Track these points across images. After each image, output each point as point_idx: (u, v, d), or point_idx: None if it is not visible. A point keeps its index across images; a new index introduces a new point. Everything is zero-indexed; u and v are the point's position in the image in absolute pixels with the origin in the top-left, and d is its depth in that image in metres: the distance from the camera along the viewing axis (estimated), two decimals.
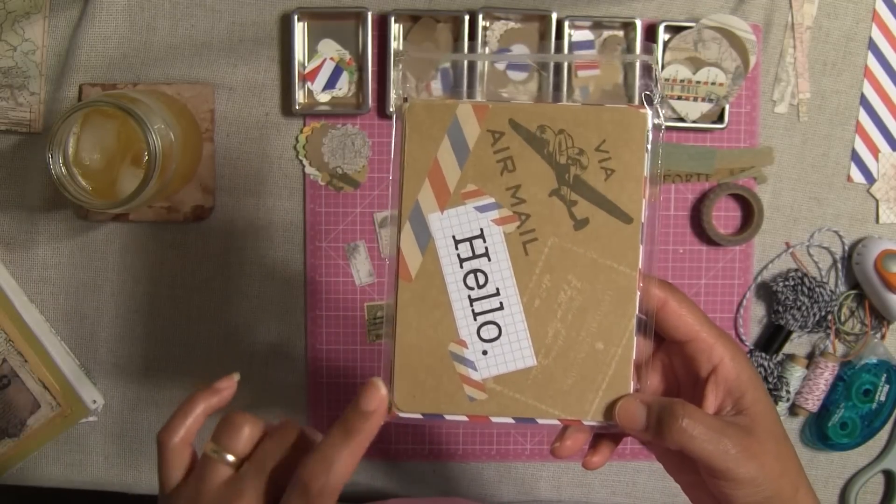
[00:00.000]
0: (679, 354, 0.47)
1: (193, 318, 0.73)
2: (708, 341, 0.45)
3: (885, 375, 0.73)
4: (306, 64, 0.71)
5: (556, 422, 0.45)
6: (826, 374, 0.73)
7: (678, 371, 0.48)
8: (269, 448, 0.44)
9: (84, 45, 0.70)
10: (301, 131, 0.71)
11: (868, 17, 0.73)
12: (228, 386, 0.49)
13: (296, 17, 0.69)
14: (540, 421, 0.45)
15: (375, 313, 0.73)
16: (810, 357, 0.74)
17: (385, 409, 0.43)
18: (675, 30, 0.70)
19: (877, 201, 0.74)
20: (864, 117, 0.73)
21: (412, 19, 0.70)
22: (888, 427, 0.76)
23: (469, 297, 0.45)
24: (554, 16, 0.69)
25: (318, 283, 0.73)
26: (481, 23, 0.70)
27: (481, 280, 0.45)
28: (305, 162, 0.72)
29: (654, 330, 0.46)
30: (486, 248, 0.45)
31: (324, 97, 0.71)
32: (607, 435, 0.47)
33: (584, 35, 0.71)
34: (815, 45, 0.73)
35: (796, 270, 0.73)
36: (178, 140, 0.64)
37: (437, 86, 0.71)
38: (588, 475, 0.75)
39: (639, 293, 0.45)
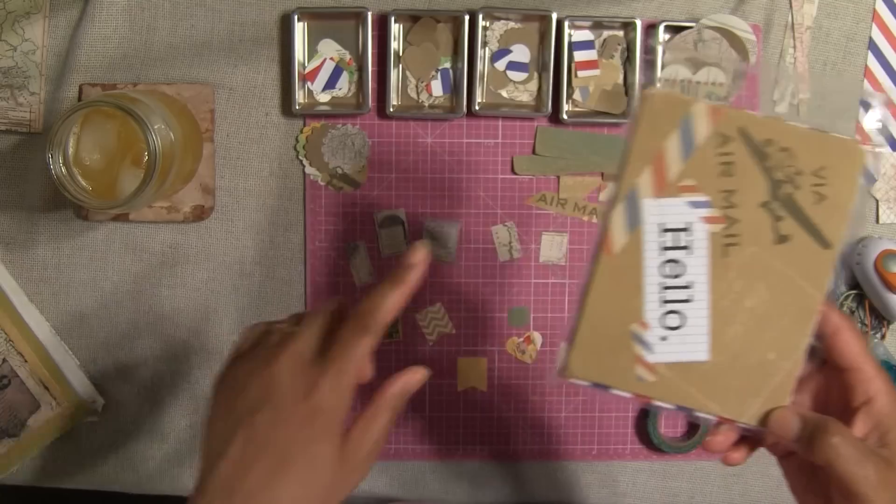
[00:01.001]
0: (837, 380, 0.49)
1: (193, 318, 0.73)
2: (869, 374, 0.48)
3: None
4: (306, 64, 0.71)
5: (712, 417, 0.47)
6: None
7: (831, 394, 0.50)
8: (316, 311, 0.52)
9: (84, 45, 0.70)
10: (301, 131, 0.71)
11: (868, 17, 0.73)
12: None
13: (296, 17, 0.69)
14: (698, 413, 0.48)
15: None
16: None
17: (425, 265, 0.50)
18: (675, 30, 0.70)
19: (877, 201, 0.74)
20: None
21: (412, 19, 0.70)
22: None
23: (662, 284, 0.47)
24: (554, 16, 0.69)
25: (318, 283, 0.73)
26: (481, 23, 0.70)
27: (677, 270, 0.47)
28: (305, 162, 0.72)
29: (826, 352, 0.49)
30: (690, 242, 0.47)
31: (324, 97, 0.71)
32: (749, 438, 0.50)
33: (584, 35, 0.71)
34: (815, 45, 0.73)
35: None
36: (178, 140, 0.64)
37: (436, 85, 0.71)
38: (587, 475, 0.75)
39: (818, 315, 0.47)
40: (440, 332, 0.73)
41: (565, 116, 0.71)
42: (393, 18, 0.70)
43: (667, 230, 0.47)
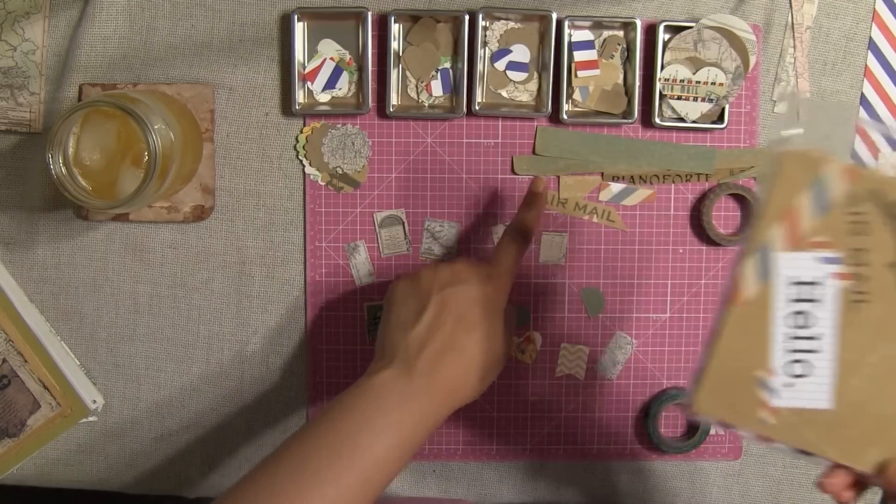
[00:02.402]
0: None
1: (193, 318, 0.73)
2: None
3: None
4: (306, 64, 0.71)
5: (828, 462, 0.49)
6: None
7: None
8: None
9: (84, 45, 0.70)
10: (301, 131, 0.71)
11: (868, 17, 0.73)
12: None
13: (296, 17, 0.69)
14: (818, 456, 0.50)
15: (375, 313, 0.73)
16: None
17: (545, 195, 0.68)
18: (675, 30, 0.70)
19: None
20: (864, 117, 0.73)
21: (412, 19, 0.70)
22: None
23: (789, 334, 0.49)
24: (554, 16, 0.69)
25: (318, 283, 0.73)
26: (481, 23, 0.70)
27: (805, 322, 0.49)
28: (305, 162, 0.72)
29: None
30: (819, 296, 0.49)
31: (324, 97, 0.71)
32: (863, 481, 0.51)
33: (584, 35, 0.71)
34: (815, 45, 0.73)
35: None
36: (178, 140, 0.64)
37: (436, 85, 0.71)
38: (587, 475, 0.75)
39: None
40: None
41: (565, 116, 0.71)
42: (393, 18, 0.70)
43: (797, 283, 0.49)
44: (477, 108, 0.70)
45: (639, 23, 0.70)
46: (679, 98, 0.71)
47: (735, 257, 0.49)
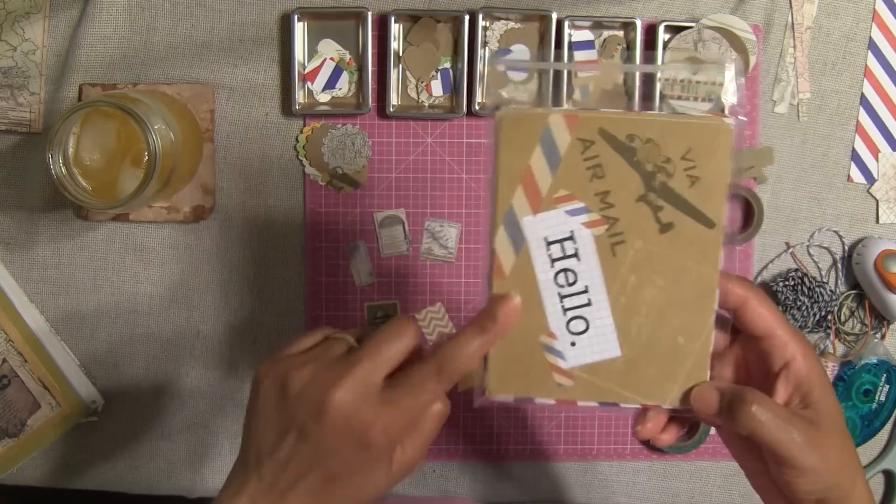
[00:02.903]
0: (754, 349, 0.50)
1: (194, 318, 0.73)
2: (783, 338, 0.48)
3: (885, 375, 0.73)
4: (306, 64, 0.71)
5: (637, 406, 0.49)
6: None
7: (751, 364, 0.51)
8: (385, 336, 0.49)
9: (84, 45, 0.70)
10: (301, 131, 0.71)
11: (868, 17, 0.73)
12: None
13: (296, 17, 0.69)
14: (623, 405, 0.49)
15: (375, 313, 0.73)
16: None
17: (514, 316, 0.48)
18: (675, 30, 0.70)
19: (877, 201, 0.74)
20: (864, 117, 0.73)
21: (412, 19, 0.70)
22: (888, 427, 0.76)
23: (559, 293, 0.48)
24: (554, 16, 0.69)
25: (318, 283, 0.73)
26: (481, 23, 0.70)
27: (571, 278, 0.48)
28: (305, 162, 0.72)
29: (735, 324, 0.49)
30: (577, 249, 0.48)
31: (324, 97, 0.71)
32: (677, 417, 0.51)
33: (584, 35, 0.71)
34: (815, 45, 0.73)
35: (796, 270, 0.73)
36: (178, 140, 0.64)
37: (436, 85, 0.71)
38: (587, 475, 0.75)
39: (718, 292, 0.48)
40: (440, 332, 0.73)
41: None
42: (393, 18, 0.70)
43: (552, 242, 0.48)
44: (477, 108, 0.70)
45: (639, 23, 0.70)
46: (679, 98, 0.71)
47: (487, 232, 0.48)
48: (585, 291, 0.48)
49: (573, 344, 0.48)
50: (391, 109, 0.71)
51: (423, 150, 0.72)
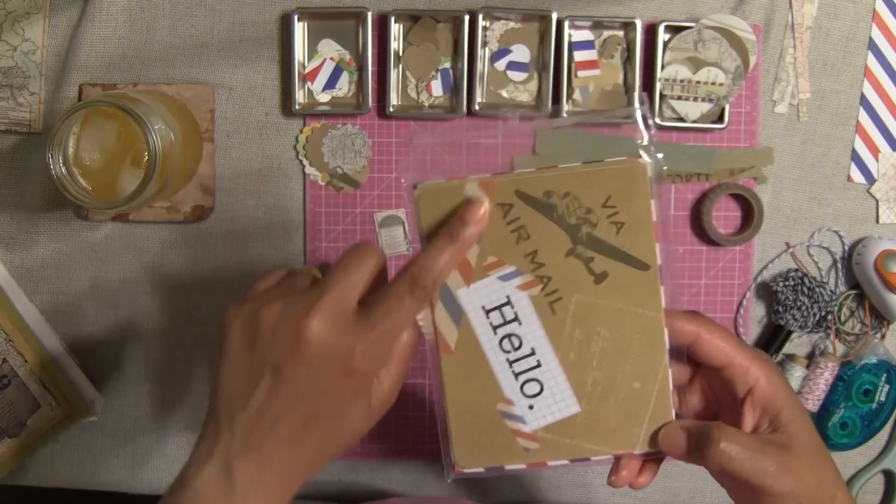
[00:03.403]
0: (716, 378, 0.50)
1: (193, 319, 0.73)
2: (743, 365, 0.48)
3: (885, 375, 0.73)
4: (306, 64, 0.71)
5: (609, 457, 0.49)
6: (826, 374, 0.73)
7: (718, 392, 0.51)
8: (351, 259, 0.46)
9: (84, 45, 0.70)
10: (301, 131, 0.71)
11: (868, 17, 0.73)
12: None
13: (296, 17, 0.69)
14: (594, 458, 0.49)
15: None
16: (810, 357, 0.74)
17: (483, 220, 0.47)
18: (675, 30, 0.70)
19: (877, 201, 0.74)
20: (864, 117, 0.73)
21: (412, 19, 0.70)
22: (888, 427, 0.76)
23: (507, 359, 0.48)
24: (554, 16, 0.69)
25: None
26: (481, 23, 0.70)
27: (516, 343, 0.48)
28: (305, 162, 0.72)
29: (692, 357, 0.49)
30: (516, 313, 0.48)
31: (324, 97, 0.71)
32: (651, 460, 0.50)
33: (584, 35, 0.71)
34: (815, 45, 0.73)
35: (796, 270, 0.73)
36: (178, 140, 0.64)
37: (436, 85, 0.71)
38: (587, 475, 0.75)
39: (666, 331, 0.48)
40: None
41: (565, 116, 0.71)
42: (393, 18, 0.69)
43: (490, 310, 0.48)
44: (477, 108, 0.70)
45: (639, 23, 0.70)
46: (679, 98, 0.71)
47: (424, 311, 0.48)
48: (533, 353, 0.48)
49: (531, 407, 0.48)
50: (391, 109, 0.71)
51: (424, 150, 0.72)
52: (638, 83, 0.70)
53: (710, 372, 0.50)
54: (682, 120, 0.71)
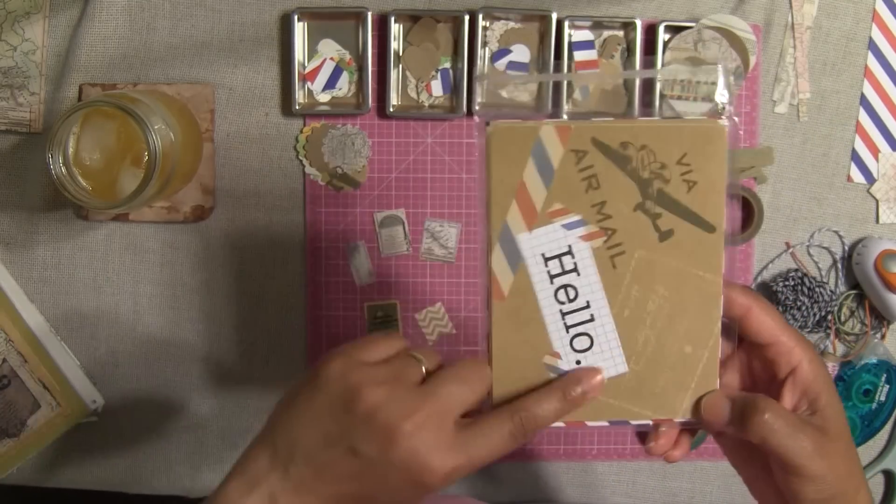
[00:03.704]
0: (759, 356, 0.49)
1: (193, 318, 0.73)
2: (788, 345, 0.48)
3: (885, 375, 0.73)
4: (306, 64, 0.71)
5: (648, 422, 0.48)
6: None
7: (756, 371, 0.50)
8: (465, 374, 0.46)
9: (84, 45, 0.70)
10: (301, 131, 0.71)
11: (868, 17, 0.73)
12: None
13: (296, 17, 0.69)
14: (633, 422, 0.48)
15: (375, 313, 0.73)
16: None
17: (599, 391, 0.47)
18: (675, 30, 0.70)
19: (877, 201, 0.74)
20: (864, 117, 0.73)
21: (412, 19, 0.70)
22: (888, 427, 0.76)
23: (561, 311, 0.47)
24: (554, 16, 0.69)
25: (318, 283, 0.73)
26: (481, 23, 0.70)
27: (572, 294, 0.47)
28: (305, 162, 0.72)
29: (742, 332, 0.49)
30: (575, 264, 0.47)
31: (324, 97, 0.71)
32: (686, 430, 0.50)
33: (584, 35, 0.71)
34: (815, 45, 0.73)
35: (796, 270, 0.73)
36: (178, 140, 0.64)
37: (436, 85, 0.71)
38: (587, 475, 0.75)
39: (722, 299, 0.47)
40: (440, 332, 0.73)
41: (565, 117, 0.71)
42: (393, 18, 0.69)
43: (550, 258, 0.47)
44: (476, 107, 0.70)
45: (639, 23, 0.70)
46: (679, 98, 0.71)
47: (481, 252, 0.47)
48: (587, 307, 0.47)
49: (578, 362, 0.47)
50: (391, 109, 0.71)
51: (423, 150, 0.72)
52: (638, 83, 0.70)
53: (753, 349, 0.50)
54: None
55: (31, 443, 0.72)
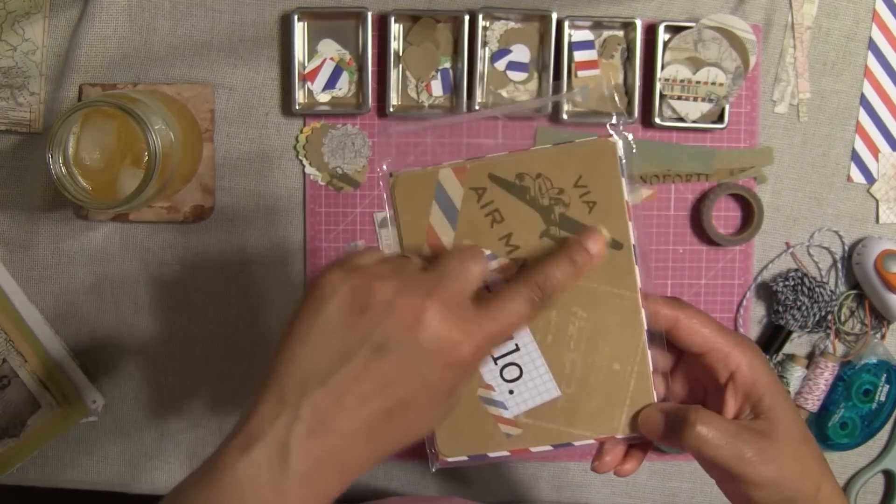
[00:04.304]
0: (698, 365, 0.49)
1: (193, 318, 0.73)
2: (723, 350, 0.47)
3: (885, 375, 0.73)
4: (306, 64, 0.71)
5: (591, 441, 0.48)
6: (826, 374, 0.73)
7: (701, 379, 0.50)
8: (468, 255, 0.44)
9: (84, 45, 0.70)
10: (301, 131, 0.71)
11: (868, 17, 0.73)
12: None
13: (296, 17, 0.69)
14: (576, 443, 0.48)
15: None
16: (810, 357, 0.74)
17: (603, 253, 0.46)
18: (675, 30, 0.70)
19: (877, 201, 0.74)
20: (864, 117, 0.73)
21: (412, 19, 0.70)
22: (888, 427, 0.76)
23: None
24: (554, 16, 0.69)
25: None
26: (481, 23, 0.70)
27: None
28: (305, 162, 0.72)
29: (672, 343, 0.48)
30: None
31: (324, 97, 0.71)
32: (636, 445, 0.50)
33: (584, 35, 0.71)
34: (815, 45, 0.73)
35: (796, 270, 0.73)
36: (178, 140, 0.64)
37: (436, 85, 0.71)
38: (587, 475, 0.75)
39: (644, 311, 0.47)
40: None
41: (565, 116, 0.71)
42: (393, 18, 0.69)
43: None
44: (477, 108, 0.70)
45: (639, 23, 0.70)
46: (679, 98, 0.71)
47: None
48: (511, 338, 0.48)
49: (511, 392, 0.48)
50: (391, 109, 0.71)
51: (423, 150, 0.72)
52: (638, 83, 0.70)
53: (691, 359, 0.49)
54: (682, 120, 0.71)
55: (31, 443, 0.72)
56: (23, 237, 0.72)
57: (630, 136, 0.48)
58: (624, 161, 0.47)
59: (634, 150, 0.48)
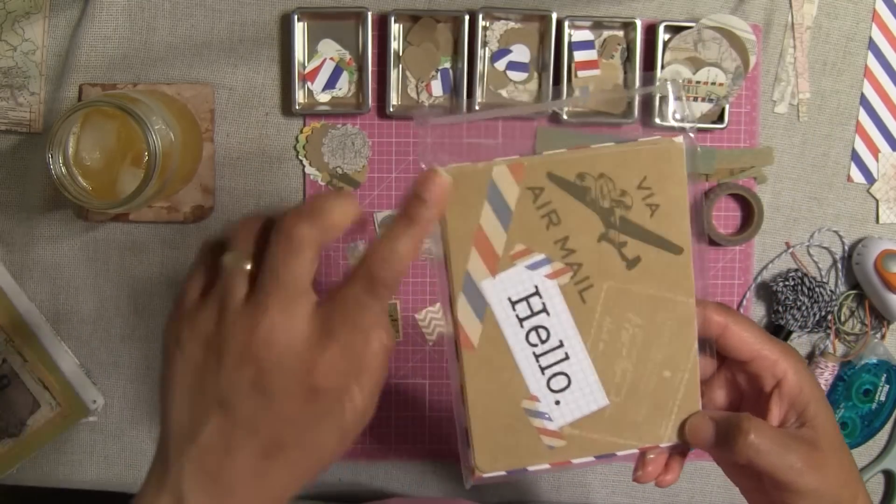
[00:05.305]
0: (743, 371, 0.49)
1: None
2: (770, 358, 0.47)
3: (885, 375, 0.73)
4: (306, 64, 0.71)
5: (635, 451, 0.47)
6: (826, 374, 0.73)
7: (742, 386, 0.50)
8: (287, 243, 0.41)
9: (84, 45, 0.70)
10: (301, 131, 0.71)
11: (868, 17, 0.73)
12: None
13: (296, 17, 0.69)
14: (619, 453, 0.47)
15: None
16: (810, 357, 0.74)
17: (445, 196, 0.42)
18: (675, 30, 0.70)
19: (877, 201, 0.74)
20: (864, 117, 0.73)
21: (412, 19, 0.70)
22: (888, 427, 0.76)
23: (534, 353, 0.46)
24: (554, 16, 0.69)
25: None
26: (481, 23, 0.70)
27: (543, 335, 0.46)
28: (305, 162, 0.72)
29: (719, 350, 0.48)
30: (544, 304, 0.45)
31: (324, 97, 0.71)
32: (677, 453, 0.49)
33: (584, 35, 0.71)
34: (815, 45, 0.73)
35: (796, 270, 0.73)
36: (178, 140, 0.64)
37: (436, 85, 0.71)
38: (588, 475, 0.75)
39: (697, 319, 0.46)
40: (440, 332, 0.73)
41: (565, 117, 0.71)
42: (393, 18, 0.69)
43: (517, 301, 0.45)
44: (477, 108, 0.70)
45: (639, 23, 0.70)
46: (679, 98, 0.71)
47: (443, 303, 0.45)
48: (561, 346, 0.46)
49: (557, 402, 0.46)
50: (391, 109, 0.71)
51: (423, 150, 0.72)
52: (638, 83, 0.70)
53: (736, 365, 0.49)
54: (682, 120, 0.71)
55: (31, 443, 0.72)
56: (23, 237, 0.72)
57: (693, 136, 0.46)
58: (688, 163, 0.45)
59: (699, 151, 0.47)
